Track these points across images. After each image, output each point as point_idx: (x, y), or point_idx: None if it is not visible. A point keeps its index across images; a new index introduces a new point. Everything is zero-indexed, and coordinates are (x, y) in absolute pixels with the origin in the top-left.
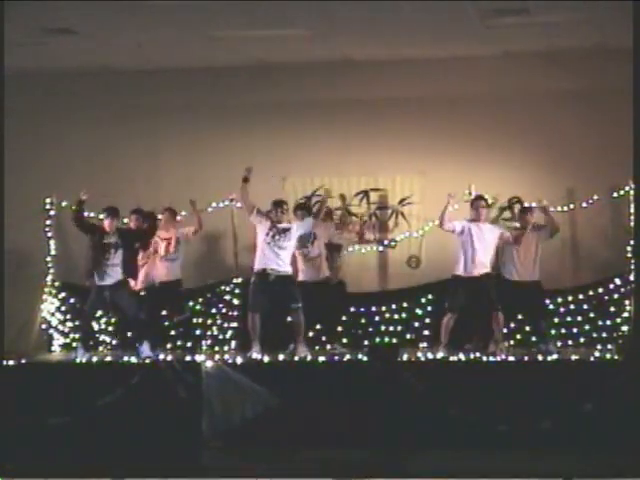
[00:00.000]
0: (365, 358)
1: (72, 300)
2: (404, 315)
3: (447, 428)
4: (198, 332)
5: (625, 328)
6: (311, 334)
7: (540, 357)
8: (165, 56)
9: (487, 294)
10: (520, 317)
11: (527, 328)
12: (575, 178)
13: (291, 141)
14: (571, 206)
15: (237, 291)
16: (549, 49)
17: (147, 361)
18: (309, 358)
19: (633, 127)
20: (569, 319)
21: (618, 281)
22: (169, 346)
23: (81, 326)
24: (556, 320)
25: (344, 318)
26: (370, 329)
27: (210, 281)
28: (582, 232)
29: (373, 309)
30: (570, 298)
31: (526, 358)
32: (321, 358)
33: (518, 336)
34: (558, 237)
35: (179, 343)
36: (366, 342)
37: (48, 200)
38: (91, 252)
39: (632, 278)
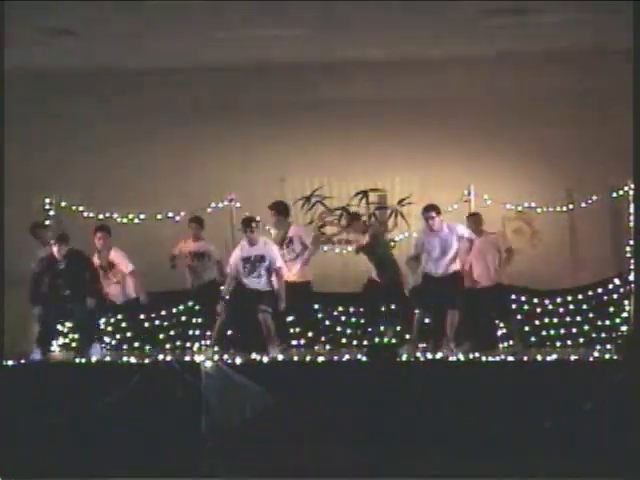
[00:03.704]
0: (365, 358)
1: None
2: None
3: (447, 428)
4: (197, 332)
5: (624, 328)
6: (310, 334)
7: (539, 357)
8: (165, 56)
9: None
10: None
11: (526, 328)
12: (574, 178)
13: (290, 141)
14: (570, 206)
15: None
16: (548, 49)
17: (146, 361)
18: (308, 358)
19: (633, 127)
20: (569, 319)
21: (617, 281)
22: (168, 346)
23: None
24: (556, 320)
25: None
26: (370, 329)
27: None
28: (581, 232)
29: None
30: (570, 298)
31: (526, 358)
32: (321, 358)
33: None
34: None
35: (178, 343)
36: (366, 342)
37: (48, 200)
38: None
39: (632, 278)
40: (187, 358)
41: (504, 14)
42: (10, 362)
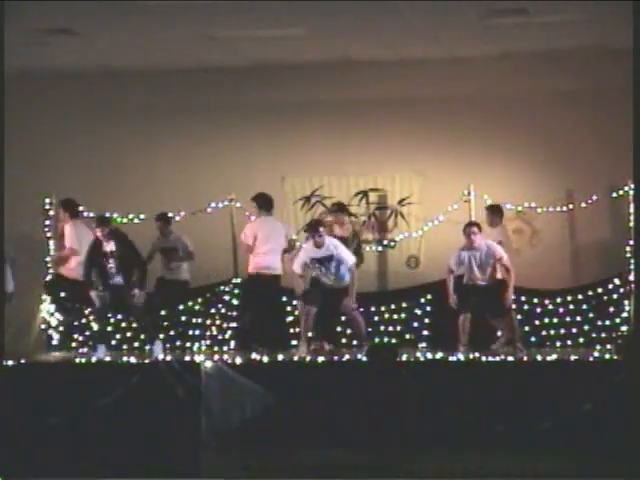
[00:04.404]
0: (365, 358)
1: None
2: (403, 315)
3: (447, 428)
4: (197, 332)
5: (624, 328)
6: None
7: (539, 357)
8: (165, 56)
9: None
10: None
11: (526, 328)
12: (574, 178)
13: (290, 141)
14: (570, 206)
15: (236, 291)
16: (549, 49)
17: (146, 361)
18: (308, 358)
19: (633, 127)
20: (569, 319)
21: (617, 281)
22: (168, 346)
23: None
24: (556, 320)
25: None
26: (370, 329)
27: (209, 281)
28: (581, 232)
29: (372, 309)
30: (570, 298)
31: (525, 358)
32: (321, 358)
33: None
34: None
35: (178, 343)
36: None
37: (48, 200)
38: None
39: (632, 278)
40: (187, 358)
41: (505, 14)
42: (10, 362)
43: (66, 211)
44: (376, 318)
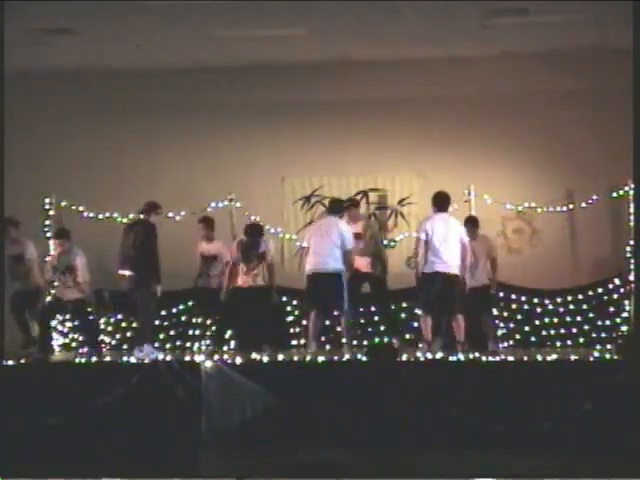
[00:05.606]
0: (365, 358)
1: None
2: (403, 315)
3: (447, 428)
4: (197, 332)
5: (624, 328)
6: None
7: (539, 357)
8: (165, 56)
9: None
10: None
11: (526, 328)
12: (575, 178)
13: (290, 141)
14: (570, 206)
15: None
16: (549, 49)
17: (146, 361)
18: (309, 358)
19: (633, 127)
20: (569, 319)
21: (617, 281)
22: (168, 346)
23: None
24: (556, 320)
25: None
26: (370, 329)
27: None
28: (582, 232)
29: (372, 309)
30: (570, 298)
31: (526, 358)
32: (321, 358)
33: (518, 336)
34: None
35: (178, 343)
36: (366, 342)
37: (47, 200)
38: None
39: (632, 278)
40: (187, 358)
41: (505, 14)
42: (10, 362)
43: (69, 239)
44: (376, 318)
